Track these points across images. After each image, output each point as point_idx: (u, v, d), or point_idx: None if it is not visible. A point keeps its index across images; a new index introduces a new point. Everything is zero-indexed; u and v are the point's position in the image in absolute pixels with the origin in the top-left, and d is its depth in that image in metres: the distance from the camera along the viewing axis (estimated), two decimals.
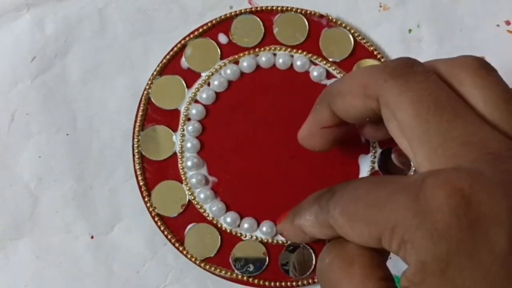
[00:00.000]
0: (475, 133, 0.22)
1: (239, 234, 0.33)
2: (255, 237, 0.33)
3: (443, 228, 0.20)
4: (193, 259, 0.33)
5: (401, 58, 0.25)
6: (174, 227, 0.33)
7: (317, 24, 0.34)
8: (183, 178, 0.33)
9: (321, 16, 0.34)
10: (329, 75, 0.33)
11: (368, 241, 0.22)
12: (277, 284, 0.32)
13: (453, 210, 0.20)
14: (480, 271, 0.20)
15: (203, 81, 0.33)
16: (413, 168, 0.33)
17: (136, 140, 0.33)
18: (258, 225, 0.33)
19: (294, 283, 0.33)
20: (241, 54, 0.33)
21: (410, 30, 0.34)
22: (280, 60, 0.33)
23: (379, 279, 0.23)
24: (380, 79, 0.24)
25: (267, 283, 0.32)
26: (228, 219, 0.33)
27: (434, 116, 0.22)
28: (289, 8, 0.34)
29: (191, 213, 0.33)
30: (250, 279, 0.33)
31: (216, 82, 0.33)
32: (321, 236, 0.26)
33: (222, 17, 0.34)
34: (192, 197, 0.33)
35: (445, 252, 0.20)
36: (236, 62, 0.33)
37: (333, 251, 0.24)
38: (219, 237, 0.33)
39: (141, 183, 0.33)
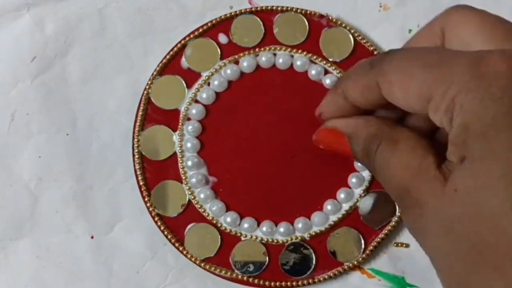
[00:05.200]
0: None
1: (239, 234, 0.33)
2: (255, 237, 0.33)
3: (496, 93, 0.20)
4: (193, 259, 0.33)
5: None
6: (174, 227, 0.33)
7: (317, 24, 0.34)
8: (183, 178, 0.33)
9: (321, 16, 0.34)
10: (327, 73, 0.33)
11: (413, 103, 0.23)
12: (277, 284, 0.32)
13: None
14: None
15: (203, 81, 0.33)
16: None
17: (136, 140, 0.33)
18: (258, 225, 0.33)
19: (294, 283, 0.33)
20: (241, 54, 0.33)
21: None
22: (280, 60, 0.33)
23: (425, 147, 0.23)
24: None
25: (267, 283, 0.32)
26: (228, 219, 0.33)
27: None
28: (289, 8, 0.34)
29: (191, 213, 0.33)
30: (250, 279, 0.33)
31: (216, 82, 0.33)
32: (361, 101, 0.26)
33: (222, 17, 0.34)
34: (192, 197, 0.33)
35: (491, 116, 0.20)
36: (236, 62, 0.33)
37: (376, 141, 0.25)
38: (219, 237, 0.33)
39: (141, 183, 0.33)
